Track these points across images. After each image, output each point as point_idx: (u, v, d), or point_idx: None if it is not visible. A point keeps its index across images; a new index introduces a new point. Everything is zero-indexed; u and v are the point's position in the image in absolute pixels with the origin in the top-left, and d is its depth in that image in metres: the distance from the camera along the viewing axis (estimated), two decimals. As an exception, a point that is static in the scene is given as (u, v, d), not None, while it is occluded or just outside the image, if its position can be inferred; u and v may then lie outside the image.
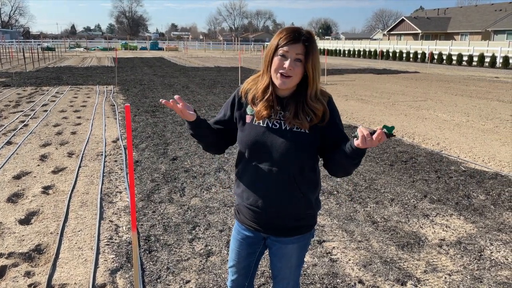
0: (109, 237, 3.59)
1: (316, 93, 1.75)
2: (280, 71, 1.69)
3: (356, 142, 1.57)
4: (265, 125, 1.78)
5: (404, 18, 53.47)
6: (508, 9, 44.10)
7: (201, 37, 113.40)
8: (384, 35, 61.99)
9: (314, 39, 1.74)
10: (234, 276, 2.03)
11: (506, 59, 28.05)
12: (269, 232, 1.89)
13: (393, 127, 1.50)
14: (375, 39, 61.42)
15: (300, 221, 1.87)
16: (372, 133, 1.53)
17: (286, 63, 1.67)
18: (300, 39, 1.68)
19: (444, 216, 4.14)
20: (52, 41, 64.60)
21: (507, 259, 3.33)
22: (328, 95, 1.82)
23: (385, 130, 1.50)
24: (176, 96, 1.77)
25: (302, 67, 1.69)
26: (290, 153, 1.74)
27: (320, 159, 1.88)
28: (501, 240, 3.64)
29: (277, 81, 1.72)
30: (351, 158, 1.66)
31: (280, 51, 1.69)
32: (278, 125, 1.76)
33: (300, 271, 2.03)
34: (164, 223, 3.86)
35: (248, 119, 1.82)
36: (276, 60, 1.70)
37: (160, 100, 1.78)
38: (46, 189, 4.70)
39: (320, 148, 1.82)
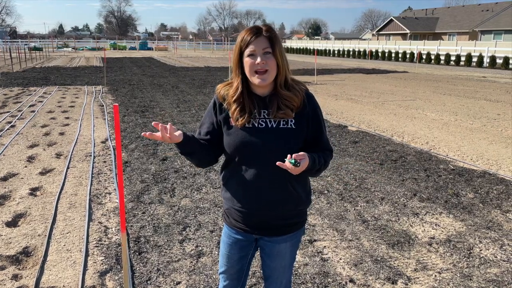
0: (98, 239, 3.55)
1: (286, 81, 1.77)
2: (254, 69, 1.70)
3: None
4: (250, 125, 1.77)
5: (393, 19, 53.83)
6: (495, 10, 44.66)
7: (190, 37, 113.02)
8: (373, 35, 62.36)
9: (274, 30, 1.75)
10: (227, 282, 2.00)
11: (493, 58, 28.41)
12: (262, 233, 1.87)
13: (294, 161, 1.64)
14: (364, 39, 61.76)
15: (293, 219, 1.87)
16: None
17: (258, 60, 1.69)
18: (261, 33, 1.70)
19: (433, 214, 4.17)
20: (40, 41, 63.82)
21: (496, 257, 3.36)
22: (305, 87, 1.84)
23: (290, 163, 1.65)
24: (153, 123, 1.69)
25: (274, 58, 1.71)
26: (279, 151, 1.74)
27: None
28: (489, 238, 3.68)
29: (256, 80, 1.72)
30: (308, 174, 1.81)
31: (247, 52, 1.70)
32: (264, 124, 1.76)
33: (292, 269, 2.03)
34: (154, 224, 3.83)
35: (232, 122, 1.81)
36: (247, 61, 1.71)
37: (143, 133, 1.71)
38: (33, 191, 4.64)
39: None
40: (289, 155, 1.65)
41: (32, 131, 7.56)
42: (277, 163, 1.66)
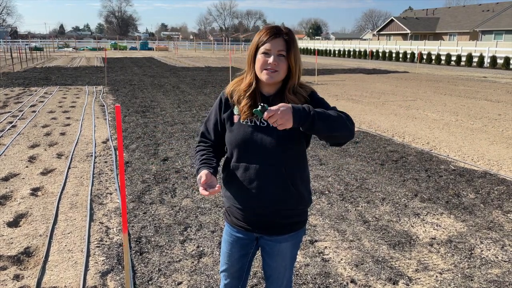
0: (99, 239, 3.55)
1: (294, 86, 1.78)
2: (265, 67, 1.72)
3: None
4: (253, 123, 1.78)
5: (393, 19, 53.79)
6: (496, 10, 44.62)
7: (191, 37, 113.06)
8: (373, 35, 62.34)
9: (293, 34, 1.77)
10: (227, 280, 2.01)
11: (493, 59, 28.41)
12: (263, 232, 1.88)
13: (257, 110, 1.53)
14: (365, 39, 61.74)
15: (293, 218, 1.88)
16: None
17: (270, 59, 1.70)
18: (280, 34, 1.72)
19: (434, 215, 4.17)
20: (40, 41, 63.86)
21: (497, 257, 3.36)
22: (311, 89, 1.85)
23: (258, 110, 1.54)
24: (202, 184, 1.69)
25: (286, 61, 1.72)
26: (280, 151, 1.76)
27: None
28: (491, 239, 3.67)
29: (264, 76, 1.73)
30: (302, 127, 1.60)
31: (262, 49, 1.72)
32: (266, 123, 1.77)
33: (293, 269, 2.03)
34: (155, 224, 3.83)
35: (235, 119, 1.82)
36: (259, 58, 1.73)
37: (204, 194, 1.69)
38: (35, 191, 4.64)
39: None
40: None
41: (33, 131, 7.57)
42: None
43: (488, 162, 6.09)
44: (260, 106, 1.53)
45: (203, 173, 1.72)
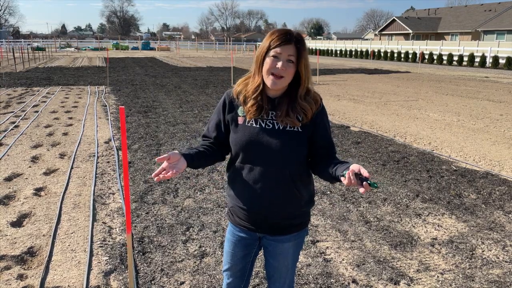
0: (102, 239, 3.57)
1: (307, 92, 1.79)
2: (272, 71, 1.72)
3: (343, 181, 1.62)
4: (258, 125, 1.79)
5: (395, 18, 53.75)
6: (498, 9, 44.56)
7: (193, 37, 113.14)
8: (375, 35, 62.28)
9: (304, 40, 1.78)
10: (230, 279, 2.02)
11: (495, 59, 28.36)
12: (265, 232, 1.90)
13: (376, 184, 1.56)
14: (366, 39, 61.68)
15: (296, 219, 1.89)
16: (359, 176, 1.57)
17: (279, 64, 1.70)
18: (292, 40, 1.72)
19: (436, 215, 4.18)
20: (42, 41, 63.98)
21: (498, 258, 3.37)
22: (320, 98, 1.87)
23: (369, 183, 1.56)
24: (157, 159, 1.75)
25: (294, 67, 1.73)
26: (285, 152, 1.77)
27: None
28: (492, 239, 3.68)
29: (268, 81, 1.75)
30: (335, 181, 1.76)
31: (272, 52, 1.72)
32: (271, 125, 1.79)
33: (295, 269, 2.05)
34: (157, 224, 3.85)
35: (240, 120, 1.83)
36: (268, 60, 1.73)
37: (154, 176, 1.77)
38: (38, 191, 4.66)
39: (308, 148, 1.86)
40: (364, 173, 1.56)
41: (35, 131, 7.60)
42: (347, 179, 1.57)
43: (489, 162, 6.09)
44: (375, 185, 1.56)
45: (171, 153, 1.74)
